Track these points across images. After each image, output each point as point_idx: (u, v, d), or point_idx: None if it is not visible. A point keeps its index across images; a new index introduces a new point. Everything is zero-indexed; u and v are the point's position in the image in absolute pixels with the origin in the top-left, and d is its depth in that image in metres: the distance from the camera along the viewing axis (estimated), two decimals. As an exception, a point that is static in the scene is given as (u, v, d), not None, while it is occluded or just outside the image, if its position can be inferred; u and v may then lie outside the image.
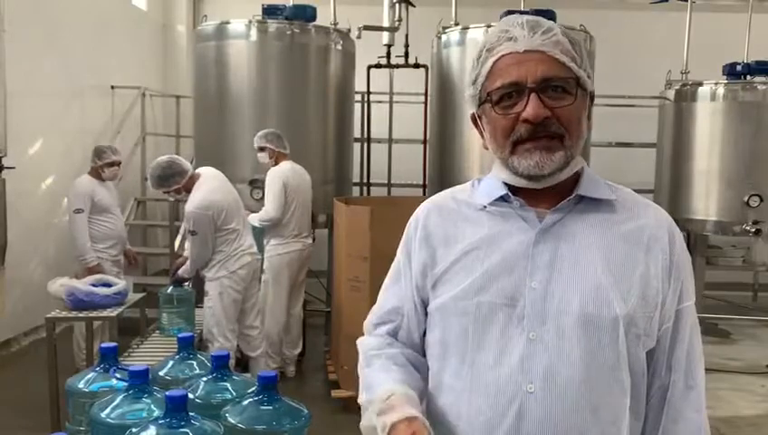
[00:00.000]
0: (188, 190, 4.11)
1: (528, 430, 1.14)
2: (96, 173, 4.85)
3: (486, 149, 1.28)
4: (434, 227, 1.30)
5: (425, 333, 1.32)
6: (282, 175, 4.79)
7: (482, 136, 1.29)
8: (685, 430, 1.22)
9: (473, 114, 1.29)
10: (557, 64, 1.17)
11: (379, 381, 1.24)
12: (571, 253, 1.19)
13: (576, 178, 1.24)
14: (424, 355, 1.33)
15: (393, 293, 1.36)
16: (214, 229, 4.13)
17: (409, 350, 1.33)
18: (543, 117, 1.15)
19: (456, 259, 1.25)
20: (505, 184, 1.25)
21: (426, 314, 1.31)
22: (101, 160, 4.82)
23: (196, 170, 4.28)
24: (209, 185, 4.15)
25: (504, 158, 1.21)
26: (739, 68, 6.16)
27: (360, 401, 1.29)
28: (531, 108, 1.15)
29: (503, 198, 1.25)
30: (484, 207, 1.26)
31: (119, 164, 4.95)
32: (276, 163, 4.88)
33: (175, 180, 4.05)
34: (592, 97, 1.25)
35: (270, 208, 4.74)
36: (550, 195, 1.22)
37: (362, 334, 1.41)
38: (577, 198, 1.22)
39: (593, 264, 1.18)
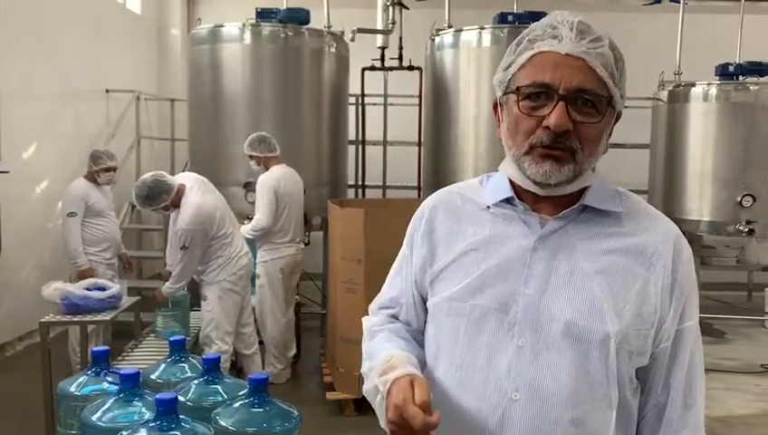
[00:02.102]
0: (176, 205, 4.05)
1: None
2: (92, 177, 4.86)
3: (499, 139, 1.24)
4: (438, 223, 1.29)
5: (424, 325, 1.34)
6: (273, 182, 4.75)
7: (498, 125, 1.25)
8: None
9: (495, 100, 1.25)
10: (594, 77, 1.12)
11: (381, 348, 1.26)
12: (568, 263, 1.17)
13: (585, 187, 1.21)
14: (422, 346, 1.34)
15: (395, 283, 1.37)
16: (207, 243, 4.10)
17: (411, 328, 1.35)
18: (565, 129, 1.11)
19: (455, 259, 1.24)
20: (512, 184, 1.24)
21: (425, 308, 1.32)
22: (97, 165, 4.83)
23: (177, 177, 4.24)
24: (197, 196, 4.08)
25: (517, 156, 1.18)
26: (731, 69, 6.18)
27: (362, 370, 1.30)
28: (555, 117, 1.11)
29: (508, 200, 1.23)
30: (488, 207, 1.25)
31: (114, 169, 4.96)
32: (267, 168, 4.85)
33: (162, 198, 3.98)
34: (619, 116, 1.21)
35: (262, 218, 4.71)
36: (556, 201, 1.20)
37: (359, 337, 1.42)
38: (581, 207, 1.20)
39: (590, 276, 1.15)
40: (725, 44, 6.54)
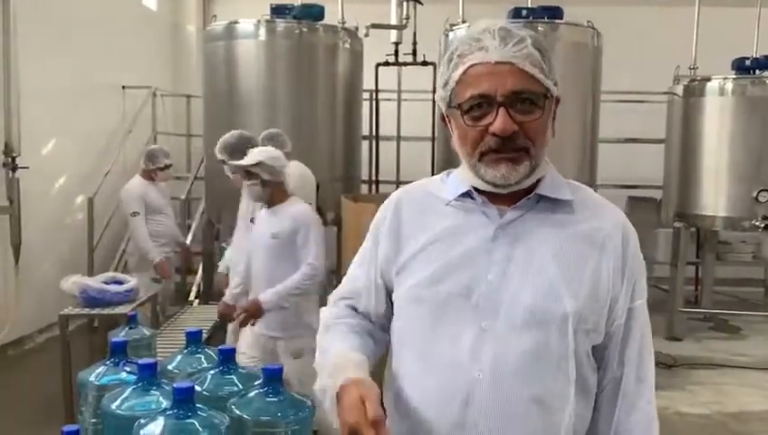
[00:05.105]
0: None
1: (474, 414, 1.20)
2: (147, 175, 5.00)
3: (453, 149, 1.32)
4: (403, 217, 1.36)
5: (387, 317, 1.39)
6: None
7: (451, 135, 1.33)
8: (638, 420, 1.28)
9: (442, 114, 1.32)
10: (527, 77, 1.19)
11: (335, 346, 1.31)
12: (526, 249, 1.24)
13: (539, 179, 1.28)
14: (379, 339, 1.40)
15: (357, 275, 1.43)
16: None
17: (368, 322, 1.41)
18: (511, 131, 1.18)
19: (419, 250, 1.30)
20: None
21: (388, 299, 1.37)
22: (155, 164, 4.99)
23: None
24: None
25: (472, 164, 1.25)
26: (748, 63, 6.12)
27: (314, 364, 1.35)
28: (499, 122, 1.18)
29: (467, 194, 1.29)
30: (449, 202, 1.31)
31: (170, 166, 5.15)
32: None
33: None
34: (558, 100, 1.27)
35: None
36: (512, 194, 1.27)
37: None
38: (537, 196, 1.27)
39: (547, 260, 1.23)
40: (742, 38, 6.47)
